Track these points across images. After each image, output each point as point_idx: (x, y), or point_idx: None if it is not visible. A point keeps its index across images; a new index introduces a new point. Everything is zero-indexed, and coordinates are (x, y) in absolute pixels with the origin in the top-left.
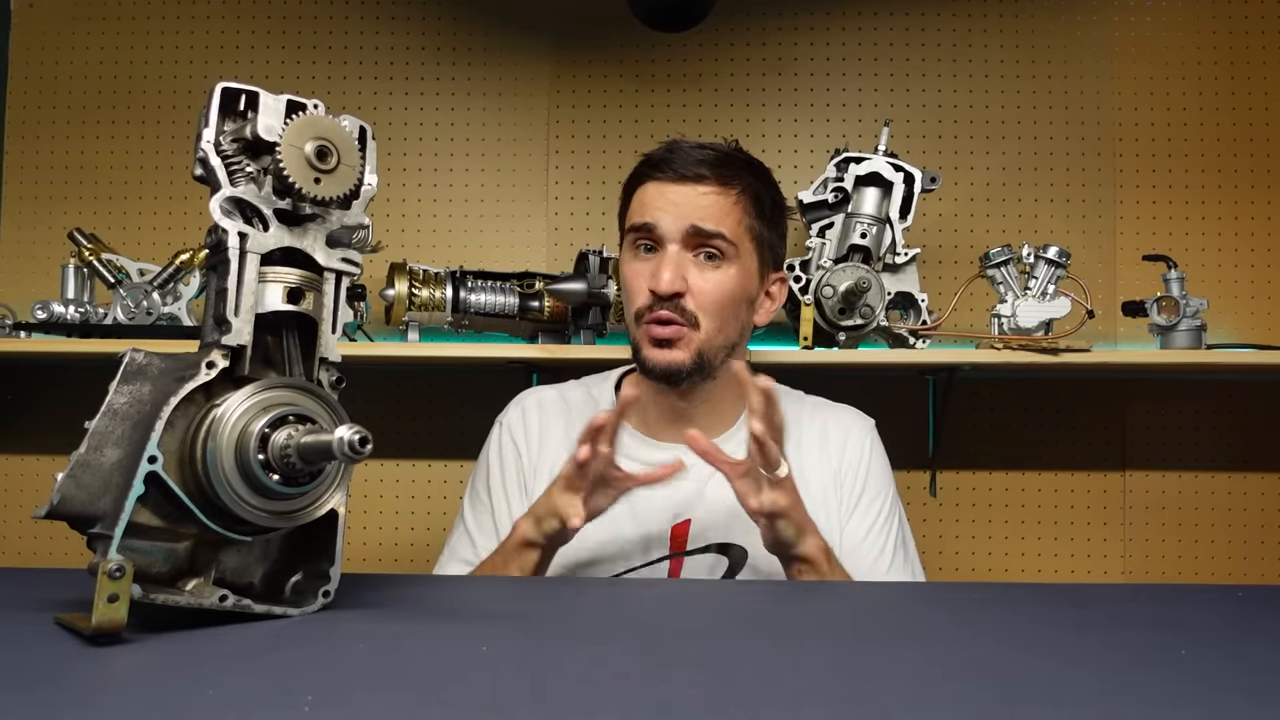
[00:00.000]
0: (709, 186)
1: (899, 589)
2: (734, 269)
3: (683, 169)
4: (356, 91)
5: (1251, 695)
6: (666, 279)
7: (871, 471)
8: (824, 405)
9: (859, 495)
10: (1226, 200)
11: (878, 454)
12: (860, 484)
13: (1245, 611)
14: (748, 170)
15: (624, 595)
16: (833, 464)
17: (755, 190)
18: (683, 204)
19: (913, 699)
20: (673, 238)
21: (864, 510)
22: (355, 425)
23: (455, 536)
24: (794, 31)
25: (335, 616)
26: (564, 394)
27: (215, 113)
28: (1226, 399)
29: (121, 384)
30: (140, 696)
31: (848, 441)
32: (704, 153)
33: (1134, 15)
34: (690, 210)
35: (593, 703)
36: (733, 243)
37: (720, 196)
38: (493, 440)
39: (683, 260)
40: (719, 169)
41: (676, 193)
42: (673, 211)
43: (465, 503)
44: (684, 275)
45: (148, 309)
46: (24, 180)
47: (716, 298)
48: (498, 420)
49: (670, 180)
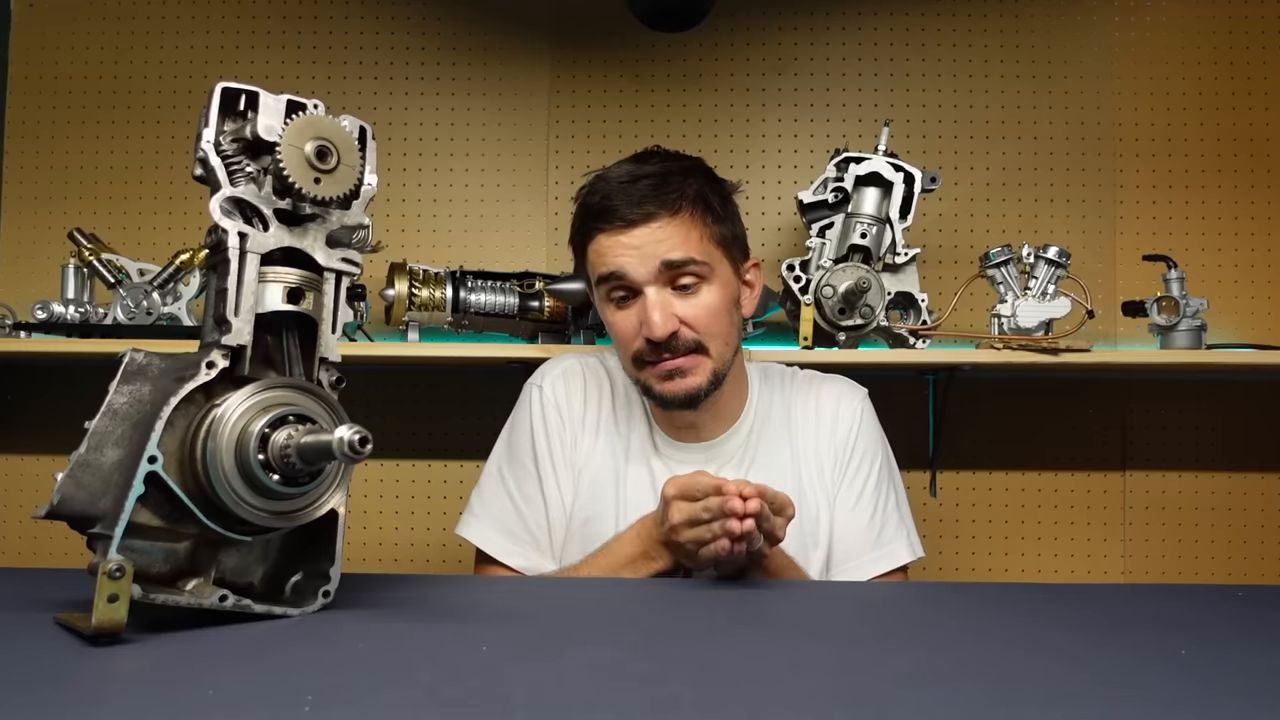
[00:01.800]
0: (660, 220)
1: (899, 589)
2: (714, 284)
3: (628, 214)
4: (356, 91)
5: (1251, 695)
6: (658, 322)
7: (861, 438)
8: (815, 378)
9: (848, 461)
10: (1226, 200)
11: (868, 421)
12: (849, 450)
13: (1245, 611)
14: (688, 179)
15: (624, 595)
16: (825, 434)
17: (702, 196)
18: (643, 246)
19: (913, 699)
20: (646, 280)
21: (853, 476)
22: (355, 425)
23: (492, 498)
24: (794, 31)
25: (335, 616)
26: (603, 360)
27: (215, 113)
28: (1226, 399)
29: (121, 384)
30: (140, 696)
31: (839, 411)
32: (641, 186)
33: (1134, 15)
34: (652, 250)
35: (592, 703)
36: (704, 261)
37: (674, 224)
38: (533, 406)
39: (665, 299)
40: (662, 196)
41: (631, 237)
42: (635, 256)
43: (502, 469)
44: (672, 313)
45: (148, 309)
46: (24, 180)
47: (711, 319)
48: (533, 385)
49: (620, 228)
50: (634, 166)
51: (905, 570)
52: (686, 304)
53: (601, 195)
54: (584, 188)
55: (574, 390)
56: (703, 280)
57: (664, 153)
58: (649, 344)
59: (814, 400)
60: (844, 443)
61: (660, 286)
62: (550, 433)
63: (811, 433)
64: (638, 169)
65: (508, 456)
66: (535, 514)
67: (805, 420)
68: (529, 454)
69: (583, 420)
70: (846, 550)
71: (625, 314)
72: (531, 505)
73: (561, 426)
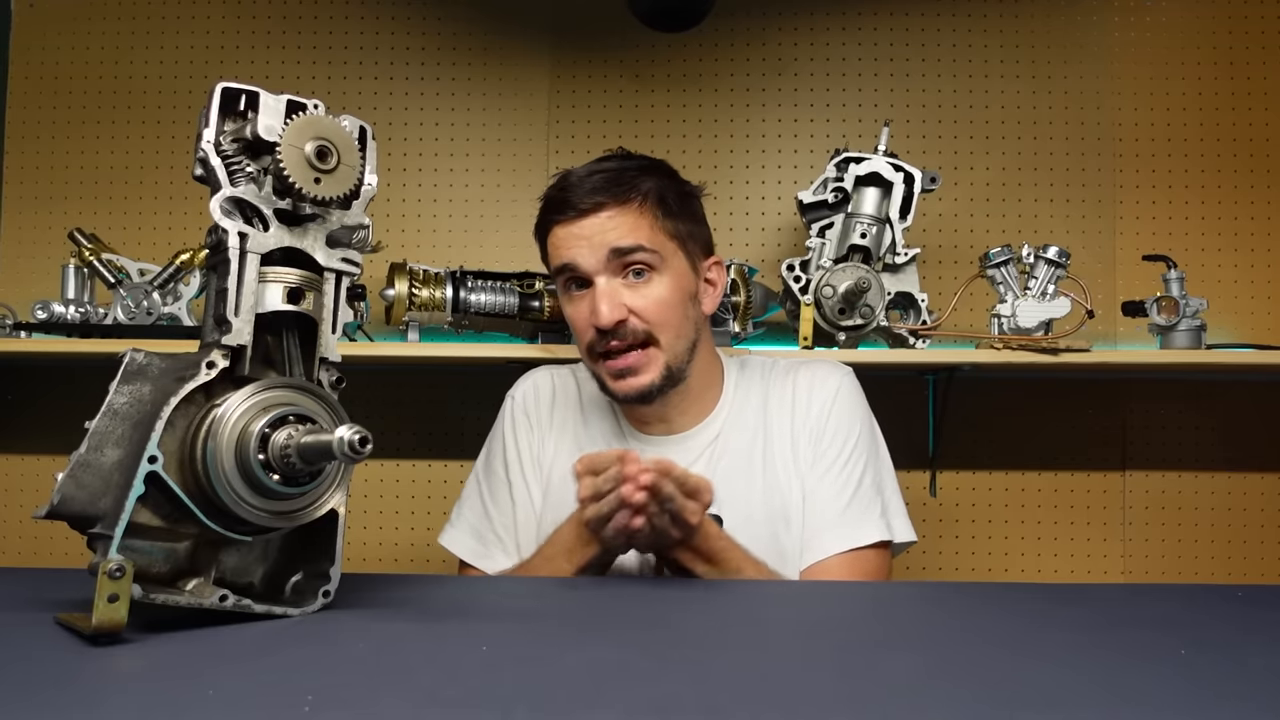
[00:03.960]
0: (610, 210)
1: (899, 589)
2: (666, 275)
3: (580, 203)
4: (356, 91)
5: (1251, 696)
6: (605, 311)
7: (835, 414)
8: (795, 363)
9: (819, 437)
10: (1226, 200)
11: (845, 398)
12: (822, 427)
13: (1245, 611)
14: (644, 175)
15: (624, 595)
16: (801, 418)
17: (657, 191)
18: (592, 235)
19: (912, 699)
20: (596, 269)
21: (824, 451)
22: (355, 425)
23: (467, 506)
24: (794, 31)
25: (335, 616)
26: (575, 373)
27: (215, 113)
28: (1226, 399)
29: (121, 384)
30: (140, 696)
31: (813, 391)
32: (595, 179)
33: (1134, 15)
34: (600, 239)
35: (593, 703)
36: (654, 250)
37: (623, 213)
38: (505, 415)
39: (614, 288)
40: (613, 188)
41: (582, 227)
42: (585, 245)
43: (478, 475)
44: (620, 301)
45: (148, 309)
46: (24, 180)
47: (661, 309)
48: (509, 395)
49: (572, 219)
50: (594, 164)
51: (885, 552)
52: (636, 294)
53: (559, 187)
54: (548, 186)
55: (542, 396)
56: (653, 270)
57: (626, 154)
58: (598, 333)
59: (790, 384)
60: (817, 420)
61: (610, 276)
62: (519, 438)
63: (787, 415)
64: (596, 165)
65: (483, 465)
66: (504, 518)
67: (781, 404)
68: (500, 460)
69: (550, 423)
70: (812, 528)
71: (579, 305)
72: (500, 509)
73: (530, 430)
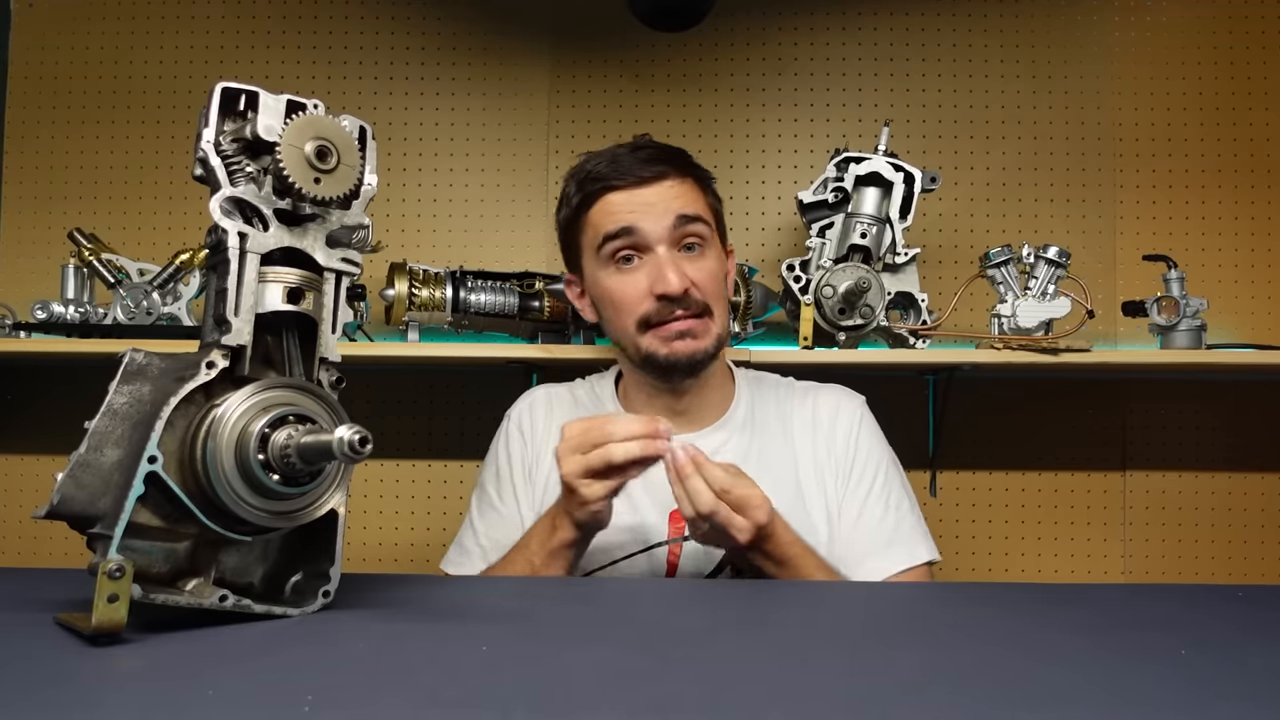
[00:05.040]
0: (673, 179)
1: (898, 589)
2: (713, 252)
3: (641, 171)
4: (356, 91)
5: (1251, 696)
6: (674, 279)
7: (861, 443)
8: (813, 387)
9: (850, 466)
10: (1226, 200)
11: (867, 427)
12: (851, 456)
13: (1245, 611)
14: (685, 157)
15: (624, 595)
16: (824, 443)
17: (698, 173)
18: (657, 202)
19: (913, 699)
20: (659, 238)
21: (857, 482)
22: (355, 425)
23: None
24: (794, 31)
25: (335, 616)
26: (572, 391)
27: (215, 113)
28: (1226, 399)
29: (121, 384)
30: (140, 696)
31: (837, 418)
32: (648, 152)
33: (1134, 15)
34: (665, 206)
35: (593, 703)
36: (708, 223)
37: (684, 185)
38: (500, 433)
39: (677, 258)
40: (670, 162)
41: (644, 194)
42: (651, 212)
43: (473, 496)
44: (684, 271)
45: (148, 309)
46: (24, 180)
47: (715, 281)
48: (506, 414)
49: (634, 185)
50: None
51: (930, 570)
52: (693, 266)
53: (608, 160)
54: (576, 166)
55: (538, 411)
56: (705, 245)
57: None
58: (661, 302)
59: (810, 407)
60: (844, 451)
61: (670, 246)
62: (511, 453)
63: (809, 440)
64: (637, 143)
65: (478, 483)
66: (490, 530)
67: (803, 427)
68: (493, 476)
69: (545, 436)
70: (862, 550)
71: (631, 276)
72: (486, 523)
73: (523, 445)
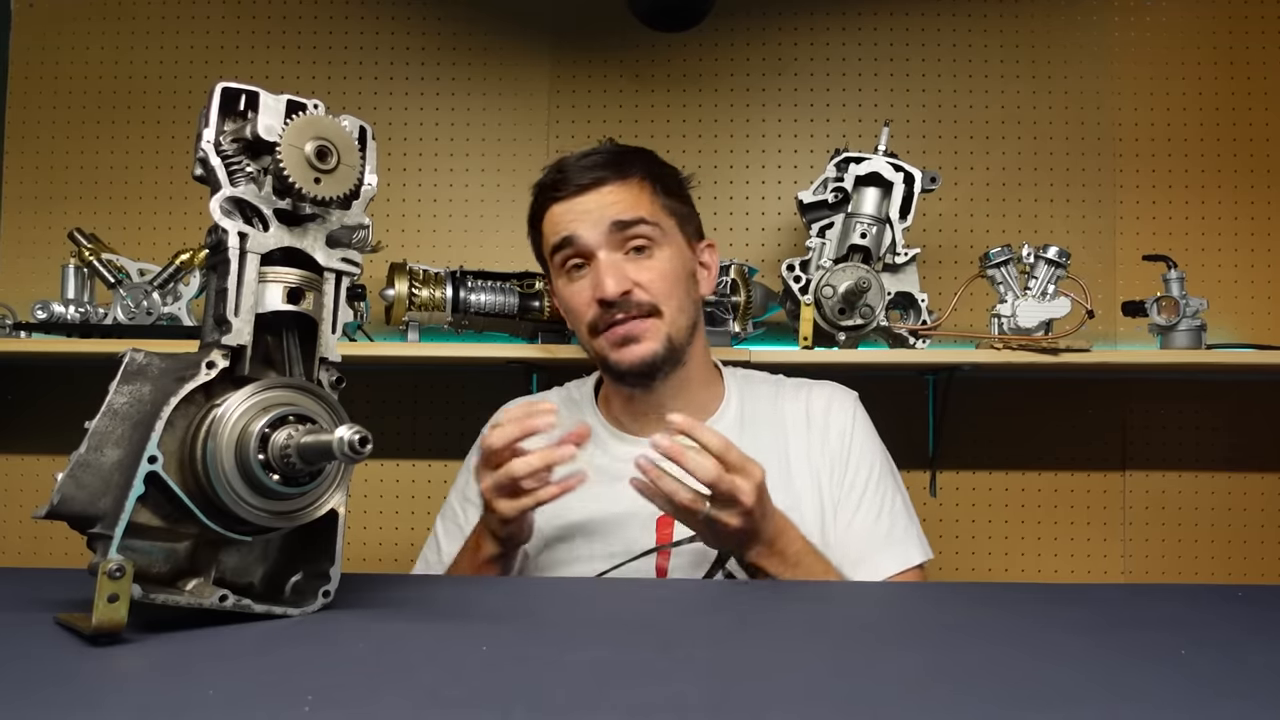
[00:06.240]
0: (610, 185)
1: (898, 589)
2: (667, 249)
3: (579, 179)
4: (356, 91)
5: (1252, 694)
6: (610, 284)
7: (856, 441)
8: (804, 384)
9: (845, 466)
10: (1226, 200)
11: (861, 424)
12: (845, 455)
13: (1245, 611)
14: (638, 157)
15: (624, 595)
16: (817, 441)
17: (652, 172)
18: (593, 209)
19: (912, 699)
20: (598, 244)
21: (853, 480)
22: (355, 425)
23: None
24: (794, 31)
25: (335, 616)
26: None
27: (215, 113)
28: (1226, 399)
29: (121, 384)
30: (140, 696)
31: (830, 415)
32: (593, 158)
33: (1134, 15)
34: (601, 213)
35: (593, 703)
36: (654, 223)
37: (624, 188)
38: (473, 450)
39: (618, 262)
40: (612, 167)
41: (582, 202)
42: (587, 219)
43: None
44: (624, 274)
45: (148, 309)
46: (24, 180)
47: (664, 281)
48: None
49: (572, 195)
50: (586, 150)
51: (923, 571)
52: (639, 267)
53: (555, 169)
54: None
55: None
56: (655, 244)
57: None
58: (602, 307)
59: (804, 403)
60: (839, 448)
61: (611, 250)
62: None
63: (802, 437)
64: (589, 150)
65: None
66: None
67: (796, 423)
68: (459, 494)
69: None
70: (857, 553)
71: (578, 284)
72: (450, 539)
73: None
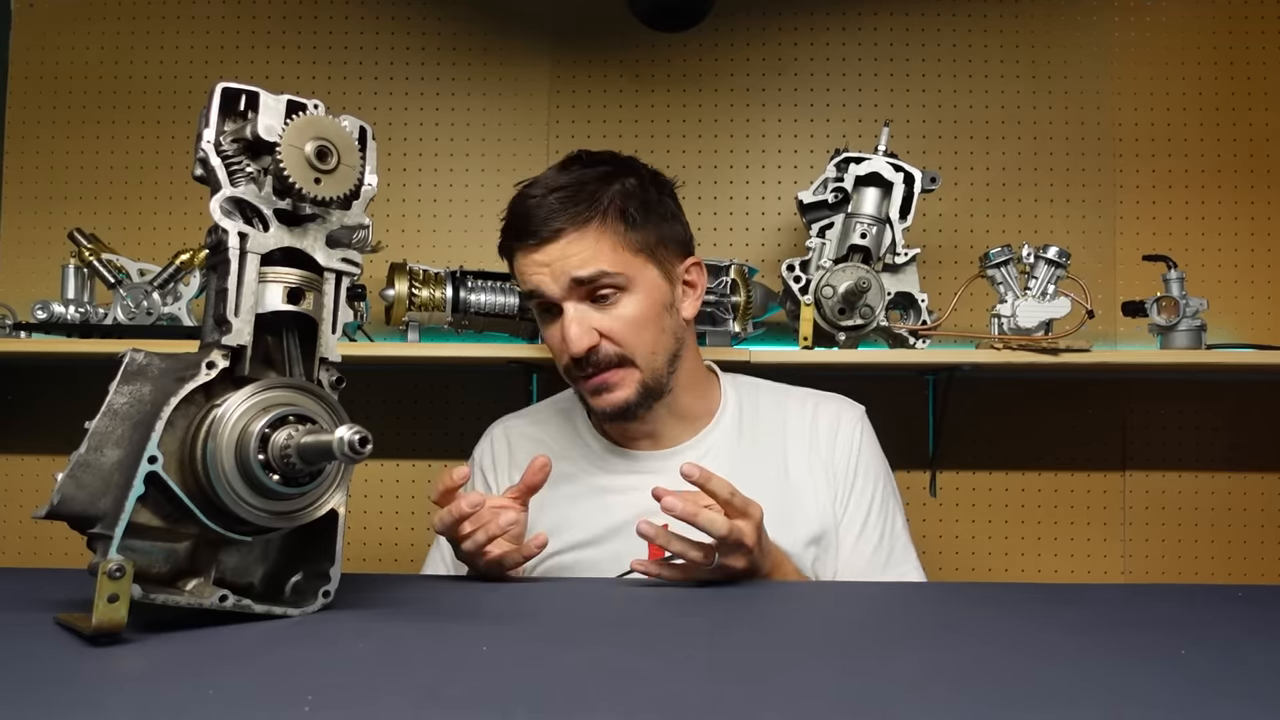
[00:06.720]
0: (569, 235)
1: (898, 589)
2: (635, 294)
3: (539, 229)
4: (356, 91)
5: (1251, 694)
6: (574, 339)
7: (863, 460)
8: (811, 395)
9: (852, 485)
10: (1226, 200)
11: (868, 442)
12: (853, 474)
13: (1245, 611)
14: (605, 184)
15: (624, 595)
16: (823, 454)
17: (618, 204)
18: (552, 263)
19: (912, 699)
20: (562, 297)
21: (858, 499)
22: (355, 425)
23: (429, 563)
24: (794, 31)
25: (335, 616)
26: (534, 417)
27: (215, 113)
28: (1226, 399)
29: (121, 384)
30: (140, 696)
31: (838, 430)
32: (553, 199)
33: (1134, 15)
34: (561, 266)
35: (593, 703)
36: (617, 272)
37: (582, 239)
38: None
39: (583, 313)
40: (570, 210)
41: (542, 255)
42: (547, 273)
43: None
44: (591, 327)
45: (148, 309)
46: (24, 180)
47: (632, 329)
48: (471, 456)
49: (532, 246)
50: (554, 176)
51: None
52: (606, 316)
53: (519, 204)
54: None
55: (502, 451)
56: (621, 291)
57: (589, 158)
58: (572, 359)
59: (809, 416)
60: (845, 468)
61: (577, 301)
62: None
63: (804, 449)
64: (555, 179)
65: None
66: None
67: (799, 433)
68: None
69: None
70: (857, 575)
71: (552, 329)
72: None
73: (486, 487)
